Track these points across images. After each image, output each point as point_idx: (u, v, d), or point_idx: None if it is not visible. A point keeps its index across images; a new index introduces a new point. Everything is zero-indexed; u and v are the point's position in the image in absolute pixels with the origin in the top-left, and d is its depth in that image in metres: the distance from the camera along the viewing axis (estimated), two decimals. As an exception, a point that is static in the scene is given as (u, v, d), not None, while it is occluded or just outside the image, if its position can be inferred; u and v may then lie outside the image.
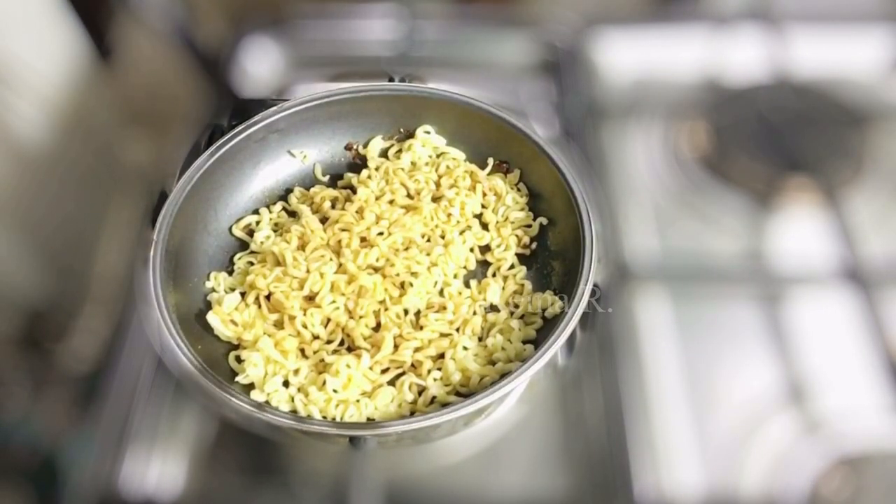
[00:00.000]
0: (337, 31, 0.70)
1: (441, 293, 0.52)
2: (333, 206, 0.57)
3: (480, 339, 0.50)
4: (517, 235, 0.55)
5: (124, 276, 0.52)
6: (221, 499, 0.47)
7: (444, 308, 0.51)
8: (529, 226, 0.56)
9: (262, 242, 0.55)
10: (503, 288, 0.52)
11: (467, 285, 0.53)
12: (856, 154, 0.59)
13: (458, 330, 0.50)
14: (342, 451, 0.46)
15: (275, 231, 0.56)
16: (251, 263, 0.54)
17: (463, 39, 0.69)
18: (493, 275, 0.54)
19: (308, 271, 0.52)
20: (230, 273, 0.54)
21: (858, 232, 0.53)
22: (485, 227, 0.56)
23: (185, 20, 0.64)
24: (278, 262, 0.53)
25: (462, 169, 0.58)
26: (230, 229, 0.56)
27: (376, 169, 0.59)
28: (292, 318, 0.51)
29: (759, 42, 0.66)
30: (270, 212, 0.57)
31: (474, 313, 0.51)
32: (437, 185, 0.58)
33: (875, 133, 0.61)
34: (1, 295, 0.53)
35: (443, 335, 0.50)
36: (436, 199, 0.57)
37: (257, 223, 0.56)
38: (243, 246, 0.56)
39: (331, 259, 0.53)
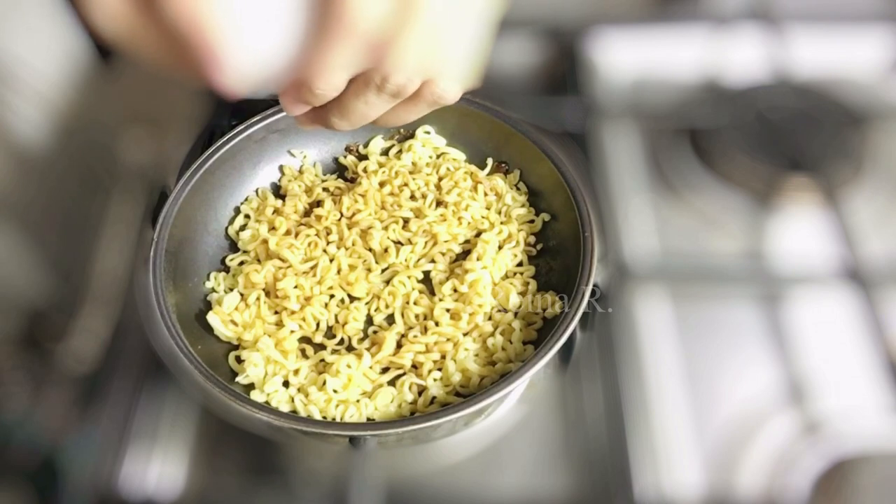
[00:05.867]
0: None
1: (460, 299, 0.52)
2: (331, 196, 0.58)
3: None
4: (524, 231, 0.55)
5: (124, 276, 0.52)
6: (221, 499, 0.47)
7: (460, 317, 0.50)
8: (531, 221, 0.56)
9: (247, 240, 0.55)
10: (521, 294, 0.52)
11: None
12: (856, 154, 0.59)
13: (465, 334, 0.50)
14: (342, 451, 0.46)
15: (258, 221, 0.56)
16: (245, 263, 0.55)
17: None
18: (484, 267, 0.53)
19: (306, 257, 0.53)
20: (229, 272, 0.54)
21: (858, 232, 0.53)
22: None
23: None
24: (268, 255, 0.53)
25: (462, 171, 0.58)
26: (227, 230, 0.56)
27: (380, 165, 0.59)
28: (292, 312, 0.51)
29: (759, 42, 0.66)
30: (250, 203, 0.57)
31: (489, 318, 0.51)
32: (438, 187, 0.58)
33: (875, 133, 0.61)
34: (1, 295, 0.53)
35: (448, 339, 0.50)
36: (438, 203, 0.57)
37: (242, 226, 0.56)
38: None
39: (324, 238, 0.54)
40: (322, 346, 0.51)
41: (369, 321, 0.52)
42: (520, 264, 0.54)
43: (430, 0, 0.30)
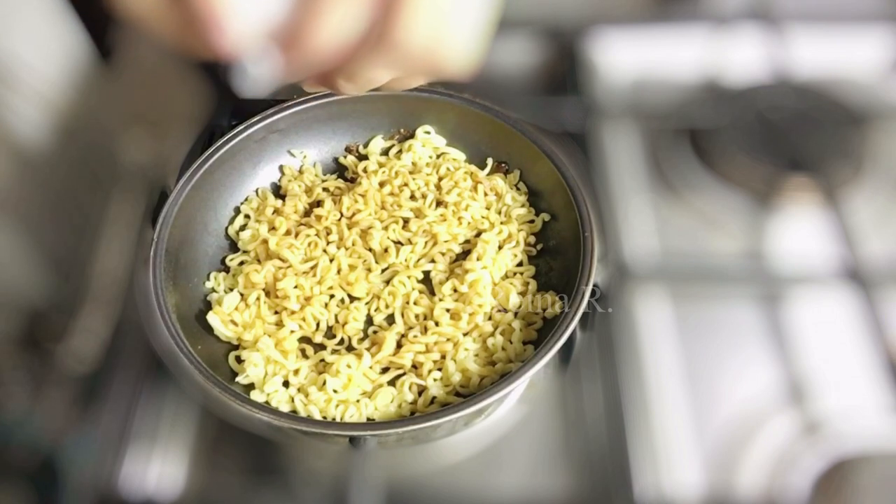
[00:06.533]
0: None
1: (460, 299, 0.52)
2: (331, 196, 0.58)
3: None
4: (524, 231, 0.55)
5: (124, 276, 0.52)
6: (221, 499, 0.47)
7: (460, 317, 0.50)
8: (532, 221, 0.56)
9: (247, 240, 0.55)
10: (521, 294, 0.52)
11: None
12: (856, 154, 0.59)
13: (465, 334, 0.50)
14: (342, 451, 0.46)
15: (258, 221, 0.56)
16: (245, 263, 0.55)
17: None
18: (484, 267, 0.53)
19: (306, 257, 0.53)
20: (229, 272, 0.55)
21: (858, 232, 0.53)
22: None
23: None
24: (268, 255, 0.53)
25: (462, 171, 0.58)
26: (227, 230, 0.56)
27: (380, 165, 0.59)
28: (292, 312, 0.51)
29: (759, 42, 0.66)
30: (250, 203, 0.57)
31: (489, 318, 0.51)
32: (438, 187, 0.58)
33: (875, 133, 0.61)
34: (1, 295, 0.53)
35: (448, 339, 0.50)
36: (438, 203, 0.57)
37: (242, 226, 0.56)
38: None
39: (324, 238, 0.55)
40: (322, 346, 0.51)
41: (369, 321, 0.52)
42: (520, 264, 0.54)
43: None
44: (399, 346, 0.50)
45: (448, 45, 0.33)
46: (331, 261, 0.53)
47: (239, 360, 0.49)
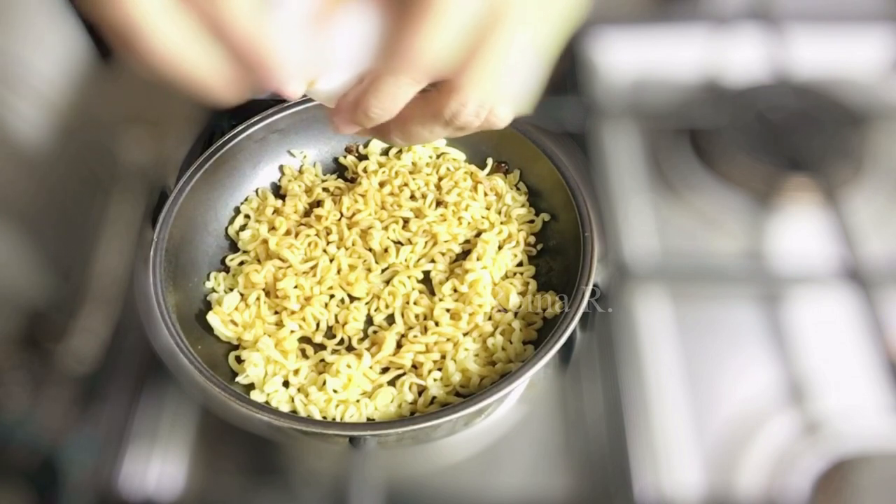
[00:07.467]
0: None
1: (460, 299, 0.51)
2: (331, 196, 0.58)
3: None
4: (524, 231, 0.55)
5: (124, 276, 0.52)
6: (221, 499, 0.47)
7: (460, 317, 0.50)
8: (531, 221, 0.56)
9: (247, 240, 0.55)
10: (521, 294, 0.52)
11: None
12: (856, 154, 0.59)
13: (465, 334, 0.50)
14: (342, 451, 0.46)
15: (258, 221, 0.56)
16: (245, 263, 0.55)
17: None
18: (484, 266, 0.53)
19: (306, 257, 0.53)
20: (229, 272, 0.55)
21: (858, 232, 0.53)
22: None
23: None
24: (268, 255, 0.53)
25: (462, 171, 0.58)
26: (227, 230, 0.56)
27: (380, 165, 0.59)
28: (292, 312, 0.51)
29: (759, 42, 0.66)
30: (250, 203, 0.57)
31: (489, 318, 0.51)
32: (438, 187, 0.58)
33: (875, 133, 0.61)
34: (1, 295, 0.53)
35: (448, 339, 0.50)
36: (438, 203, 0.57)
37: (242, 226, 0.56)
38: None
39: (324, 238, 0.55)
40: (322, 346, 0.51)
41: (369, 321, 0.52)
42: (520, 264, 0.54)
43: (496, 42, 0.32)
44: (399, 346, 0.50)
45: (501, 108, 0.35)
46: (331, 261, 0.53)
47: (239, 360, 0.49)
